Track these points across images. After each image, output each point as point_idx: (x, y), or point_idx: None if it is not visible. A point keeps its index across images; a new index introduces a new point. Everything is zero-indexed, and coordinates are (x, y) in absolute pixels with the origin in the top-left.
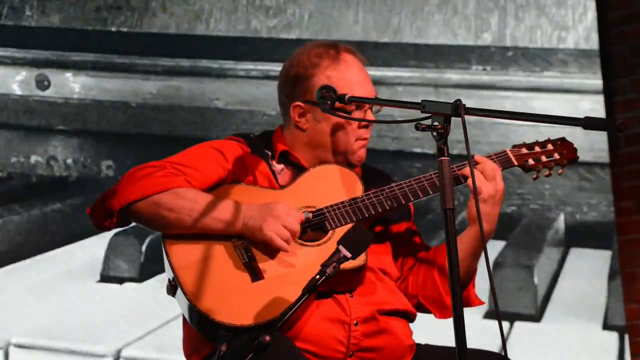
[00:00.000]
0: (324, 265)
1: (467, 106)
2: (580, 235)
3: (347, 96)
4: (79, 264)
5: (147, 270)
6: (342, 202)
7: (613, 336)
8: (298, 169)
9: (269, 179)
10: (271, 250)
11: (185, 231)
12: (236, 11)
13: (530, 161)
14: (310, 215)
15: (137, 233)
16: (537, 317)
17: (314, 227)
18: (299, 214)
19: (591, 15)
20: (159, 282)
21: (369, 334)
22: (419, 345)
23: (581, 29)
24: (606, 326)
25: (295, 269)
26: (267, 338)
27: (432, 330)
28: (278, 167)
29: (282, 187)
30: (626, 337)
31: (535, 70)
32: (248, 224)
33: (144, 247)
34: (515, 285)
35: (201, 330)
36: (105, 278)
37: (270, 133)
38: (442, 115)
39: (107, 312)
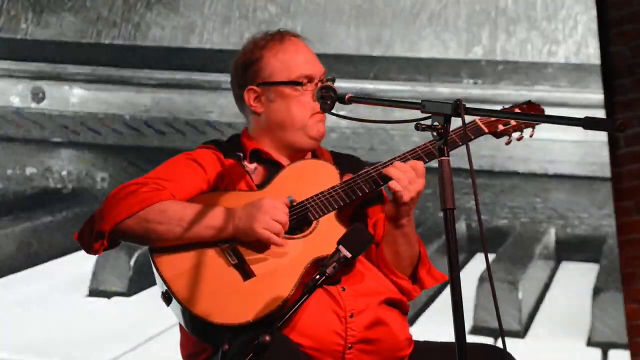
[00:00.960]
0: (324, 266)
1: (466, 106)
2: (571, 248)
3: (347, 96)
4: (68, 277)
5: (136, 284)
6: (321, 192)
7: (597, 353)
8: (270, 165)
9: (245, 179)
10: (259, 248)
11: (177, 242)
12: (229, 24)
13: (500, 127)
14: (294, 198)
15: (126, 247)
16: (521, 333)
17: (297, 219)
18: (283, 203)
19: (582, 29)
20: (149, 296)
21: (366, 326)
22: (417, 342)
23: (571, 43)
24: (590, 343)
25: (284, 262)
26: (267, 338)
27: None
28: (251, 166)
29: (260, 187)
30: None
31: (526, 84)
32: (239, 226)
33: (132, 261)
34: (500, 301)
35: (200, 335)
36: (93, 292)
37: (237, 136)
38: (442, 115)
39: (95, 326)
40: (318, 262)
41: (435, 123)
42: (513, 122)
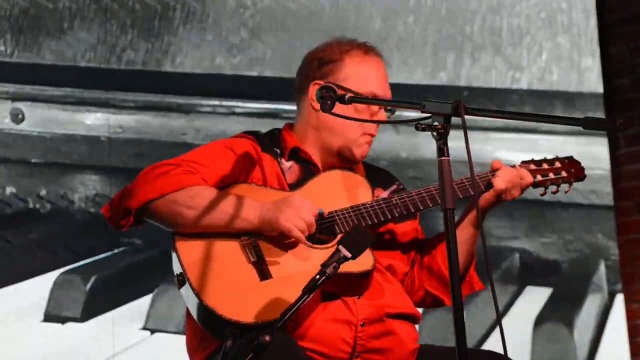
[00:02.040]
0: (324, 265)
1: (467, 106)
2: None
3: (347, 96)
4: (24, 302)
5: (90, 309)
6: (352, 207)
7: None
8: (307, 165)
9: (278, 176)
10: (280, 249)
11: (201, 229)
12: (200, 48)
13: (539, 177)
14: (325, 211)
15: (82, 272)
16: None
17: (324, 230)
18: (313, 207)
19: (546, 55)
20: (102, 321)
21: (375, 336)
22: (421, 345)
23: (535, 69)
24: None
25: (303, 269)
26: (267, 338)
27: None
28: (287, 164)
29: (291, 187)
30: None
31: None
32: (265, 217)
33: (88, 287)
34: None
35: (206, 326)
36: (48, 317)
37: (278, 131)
38: (442, 116)
39: (48, 352)
40: (336, 275)
41: (435, 123)
42: (552, 175)
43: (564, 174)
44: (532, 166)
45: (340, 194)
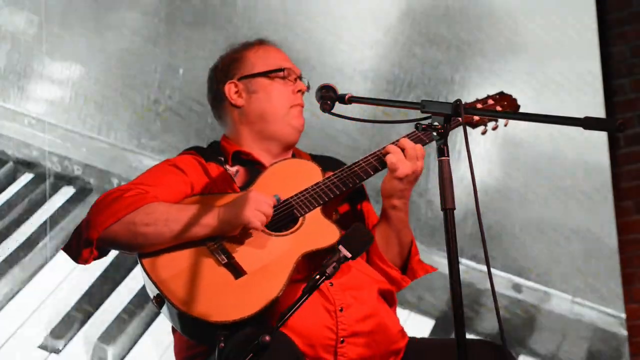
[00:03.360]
0: (324, 265)
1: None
2: None
3: (347, 96)
4: None
5: None
6: (305, 190)
7: None
8: (252, 166)
9: (228, 182)
10: (246, 245)
11: (165, 245)
12: None
13: (475, 117)
14: (280, 196)
15: None
16: None
17: (283, 217)
18: (270, 198)
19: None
20: None
21: (358, 319)
22: (413, 338)
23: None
24: None
25: (274, 258)
26: (267, 338)
27: None
28: (232, 169)
29: (242, 189)
30: None
31: None
32: (224, 218)
33: None
34: None
35: (196, 336)
36: None
37: (217, 142)
38: (442, 116)
39: None
40: (308, 256)
41: (435, 123)
42: None
43: (498, 108)
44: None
45: (291, 181)
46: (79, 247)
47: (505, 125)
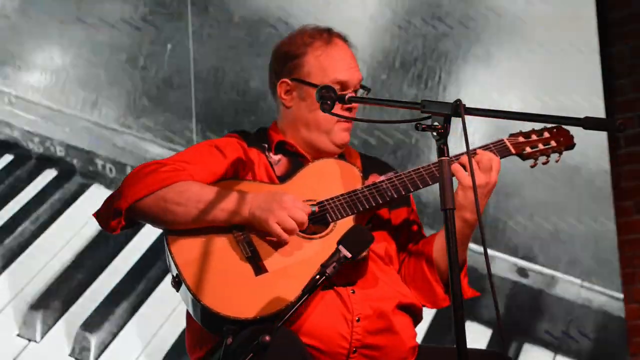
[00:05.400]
0: (324, 265)
1: (466, 106)
2: None
3: (347, 96)
4: None
5: None
6: (342, 195)
7: None
8: (295, 157)
9: (267, 170)
10: (274, 243)
11: (192, 225)
12: None
13: (528, 149)
14: (317, 208)
15: None
16: None
17: (315, 220)
18: (306, 206)
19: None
20: None
21: (372, 332)
22: (421, 346)
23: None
24: None
25: (298, 261)
26: (267, 338)
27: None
28: (275, 157)
29: (281, 181)
30: None
31: None
32: (255, 214)
33: None
34: None
35: (205, 324)
36: None
37: (265, 129)
38: (442, 116)
39: None
40: None
41: (435, 123)
42: (541, 146)
43: (553, 143)
44: (521, 138)
45: (330, 182)
46: (108, 216)
47: (557, 162)
